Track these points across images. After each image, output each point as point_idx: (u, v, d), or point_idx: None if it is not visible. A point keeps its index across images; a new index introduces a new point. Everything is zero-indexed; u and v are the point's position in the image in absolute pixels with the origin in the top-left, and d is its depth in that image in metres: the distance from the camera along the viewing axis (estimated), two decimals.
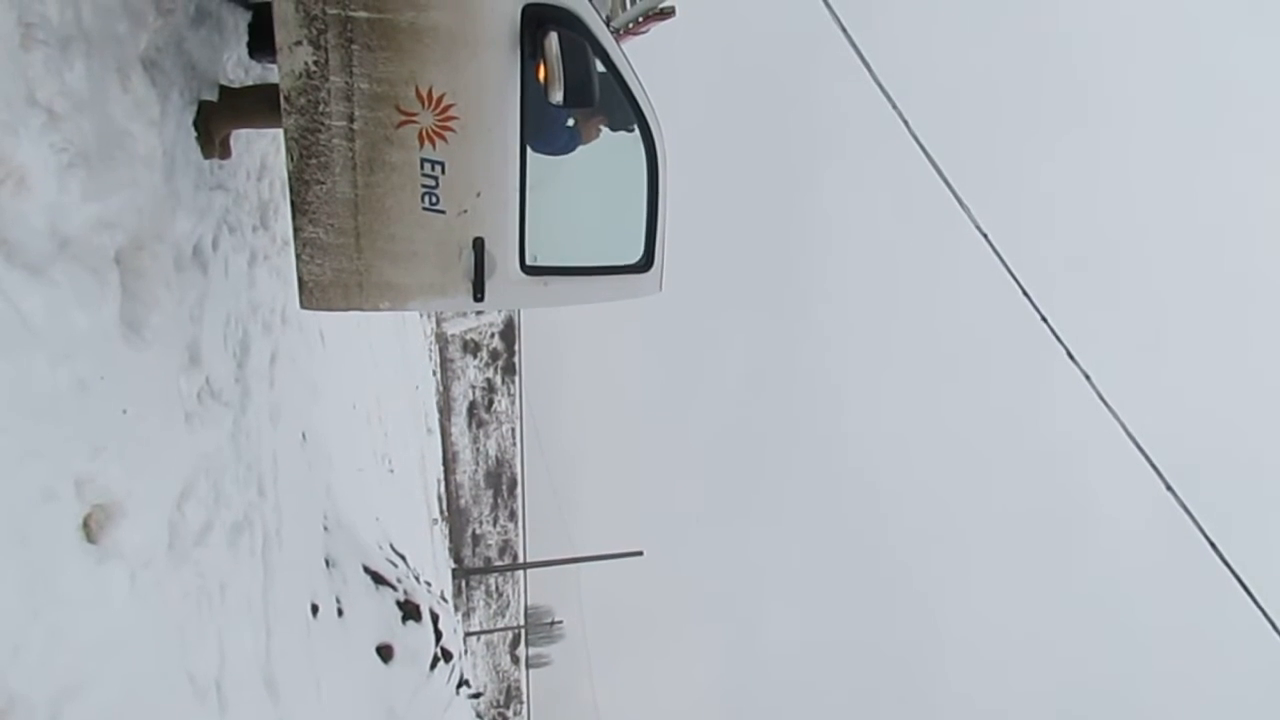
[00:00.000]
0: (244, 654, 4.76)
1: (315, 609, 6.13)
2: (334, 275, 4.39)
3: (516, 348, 48.26)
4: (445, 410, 41.52)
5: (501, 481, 49.02)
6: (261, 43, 5.62)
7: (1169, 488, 8.68)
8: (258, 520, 5.34)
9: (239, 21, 5.56)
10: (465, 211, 4.33)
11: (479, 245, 4.42)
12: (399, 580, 7.45)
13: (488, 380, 47.85)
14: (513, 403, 49.16)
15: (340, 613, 6.48)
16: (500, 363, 48.38)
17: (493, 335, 47.43)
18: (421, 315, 33.99)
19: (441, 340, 41.95)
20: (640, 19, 6.32)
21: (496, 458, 48.66)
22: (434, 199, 4.28)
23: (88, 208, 3.12)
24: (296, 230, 4.30)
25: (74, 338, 2.96)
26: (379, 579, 7.15)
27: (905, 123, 8.76)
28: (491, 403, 48.28)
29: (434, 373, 37.85)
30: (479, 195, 4.32)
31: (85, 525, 2.99)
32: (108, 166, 3.28)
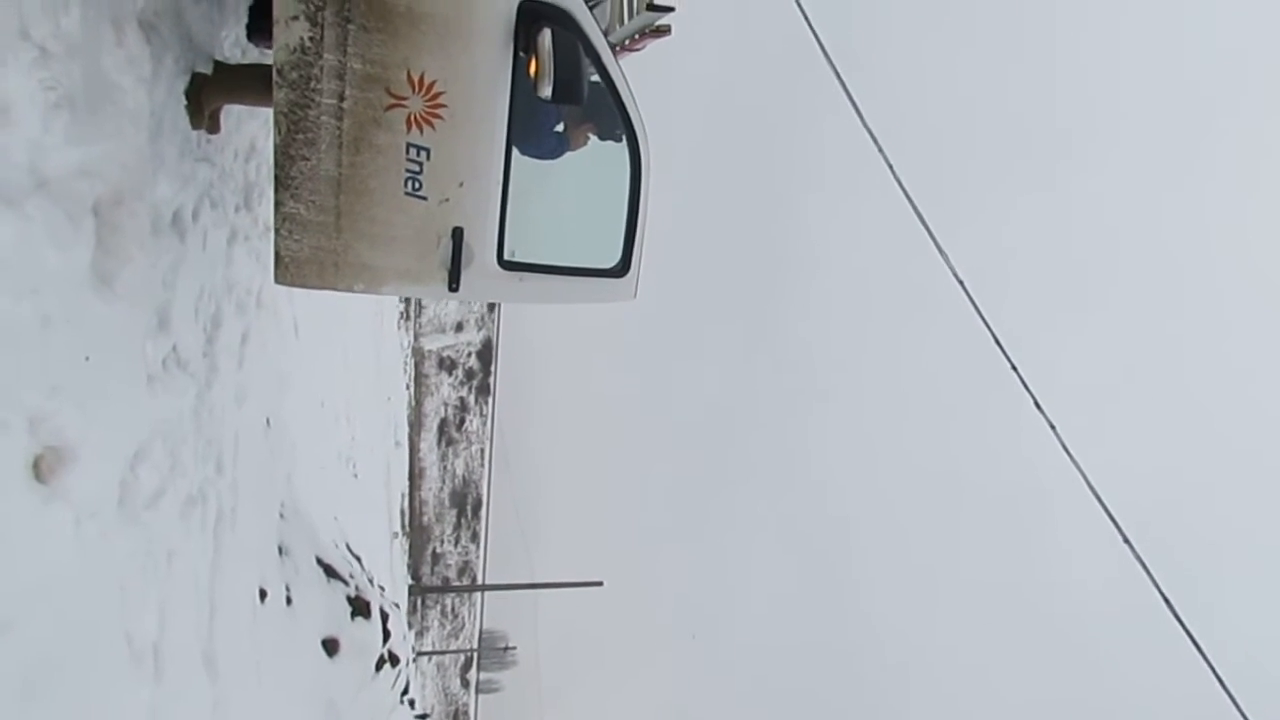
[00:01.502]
0: (185, 627, 4.71)
1: (263, 594, 6.08)
2: (311, 252, 4.41)
3: (493, 369, 48.14)
4: (415, 425, 41.29)
5: (466, 502, 48.68)
6: (260, 26, 5.66)
7: (1126, 540, 8.80)
8: (212, 496, 5.31)
9: (240, 2, 5.61)
10: (447, 200, 4.37)
11: (458, 235, 4.45)
12: (351, 576, 7.41)
13: (461, 399, 47.68)
14: (484, 424, 48.95)
15: (289, 601, 6.43)
16: (475, 383, 48.23)
17: (470, 354, 47.33)
18: (399, 327, 33.93)
19: (418, 355, 41.82)
20: (636, 36, 6.43)
21: (463, 477, 48.36)
22: (417, 184, 4.32)
23: (70, 151, 3.15)
24: (278, 204, 4.32)
25: (43, 275, 2.97)
26: (331, 572, 7.10)
27: (890, 166, 8.91)
28: (463, 422, 48.07)
29: (407, 386, 37.66)
30: (461, 185, 4.36)
31: (35, 465, 2.98)
32: (94, 115, 3.31)
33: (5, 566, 2.72)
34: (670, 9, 5.97)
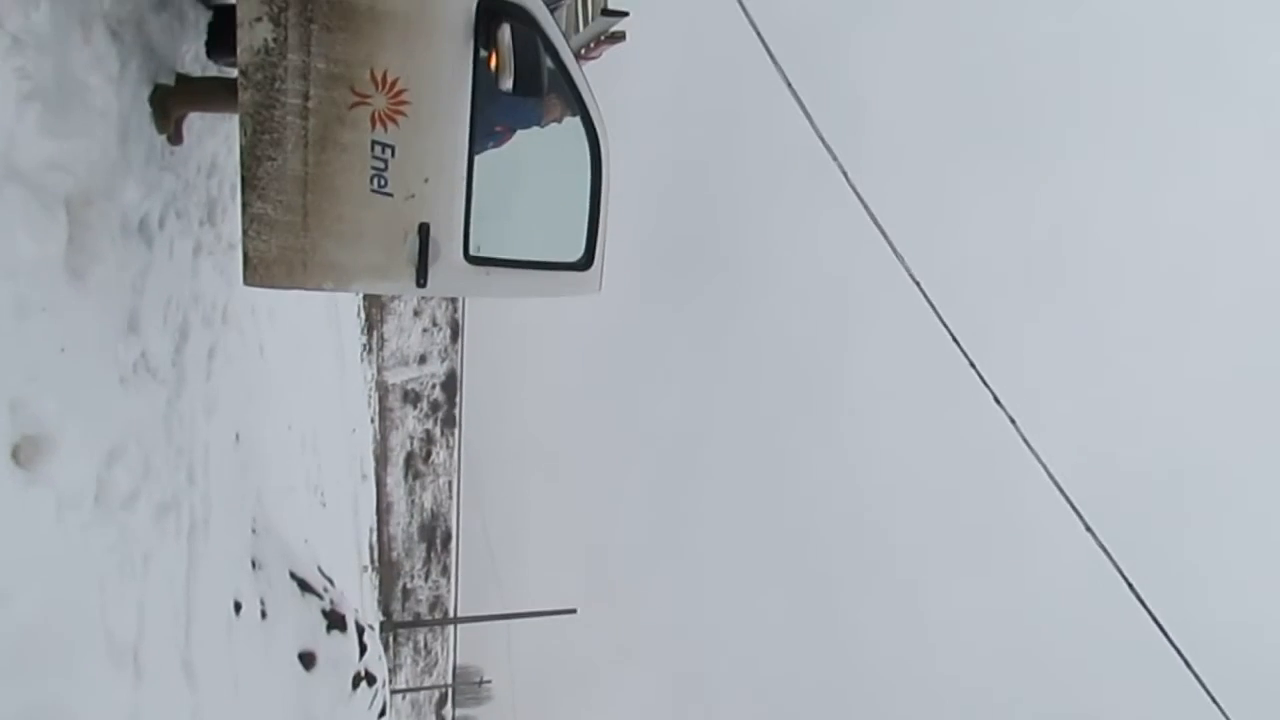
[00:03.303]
0: (163, 632, 4.71)
1: (238, 606, 6.06)
2: (279, 252, 4.46)
3: (458, 400, 47.96)
4: (382, 460, 40.95)
5: (436, 535, 48.29)
6: (220, 43, 5.74)
7: (1088, 528, 9.00)
8: (185, 505, 5.32)
9: (200, 19, 5.68)
10: (413, 196, 4.46)
11: (424, 230, 4.53)
12: (325, 590, 7.39)
13: (427, 431, 47.40)
14: (451, 456, 48.68)
15: (264, 615, 6.40)
16: (440, 414, 47.99)
17: (434, 386, 47.13)
18: (362, 360, 33.74)
19: (382, 388, 41.57)
20: (593, 43, 6.58)
21: (432, 511, 48.00)
22: (382, 181, 4.40)
23: (42, 143, 3.20)
24: (245, 205, 4.38)
25: (18, 260, 3.02)
26: (305, 586, 7.08)
27: (844, 173, 9.13)
28: (429, 454, 47.77)
29: (372, 420, 37.42)
30: (427, 181, 4.45)
31: (15, 452, 3.01)
32: (65, 110, 3.37)
33: None
34: (624, 13, 6.12)
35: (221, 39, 5.69)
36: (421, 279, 4.62)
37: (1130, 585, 8.65)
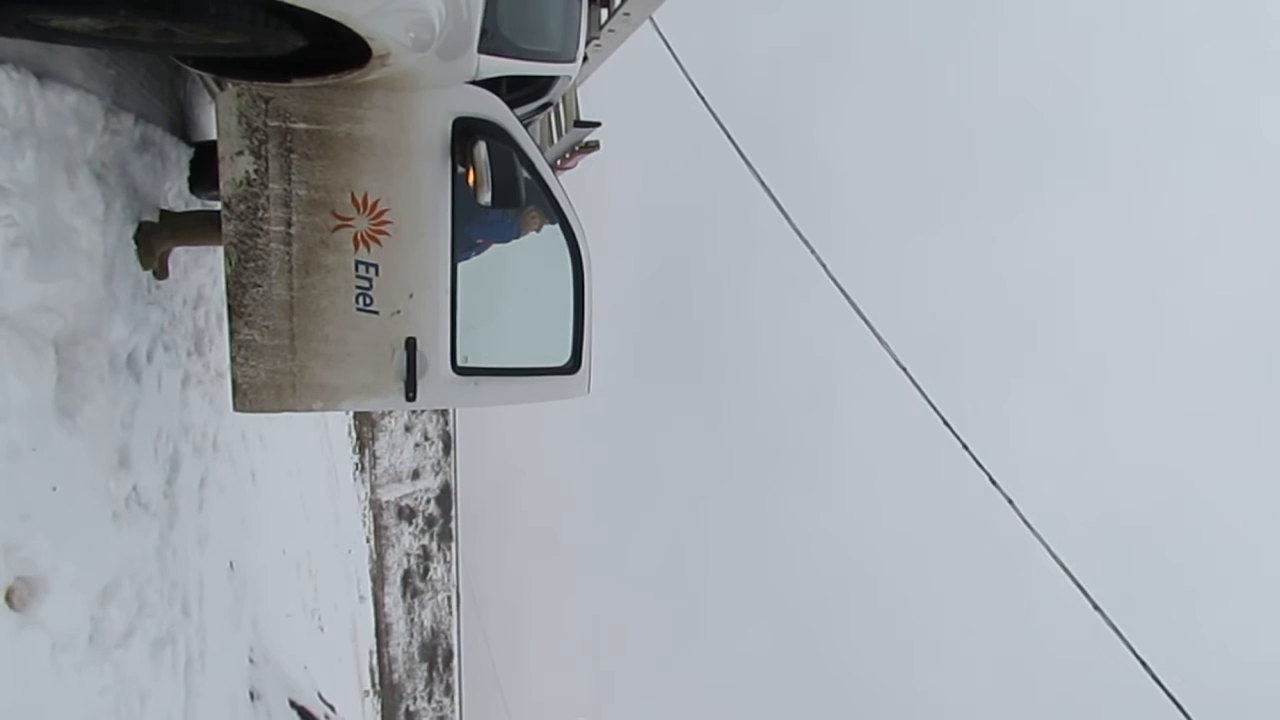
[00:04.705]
0: None
1: None
2: (268, 376, 4.49)
3: (453, 513, 47.43)
4: (379, 580, 40.28)
5: (437, 654, 47.10)
6: (202, 178, 5.88)
7: (1095, 606, 8.87)
8: (181, 639, 5.22)
9: (181, 156, 5.82)
10: (398, 312, 4.52)
11: (411, 346, 4.58)
12: (327, 716, 7.20)
13: (423, 547, 46.67)
14: (449, 570, 47.89)
15: None
16: (436, 529, 47.35)
17: (429, 501, 46.63)
18: (355, 479, 33.51)
19: (376, 507, 41.13)
20: (568, 154, 6.75)
21: (432, 629, 46.92)
22: (367, 300, 4.46)
23: (30, 287, 3.25)
24: (232, 333, 4.43)
25: (9, 402, 3.03)
26: (306, 714, 6.90)
27: (823, 265, 9.29)
28: (427, 571, 46.93)
29: (367, 539, 36.92)
30: (411, 297, 4.52)
31: (8, 595, 2.98)
32: (51, 254, 3.43)
33: None
34: (597, 123, 6.30)
35: (203, 174, 5.84)
36: (411, 393, 4.66)
37: (1145, 665, 8.48)
